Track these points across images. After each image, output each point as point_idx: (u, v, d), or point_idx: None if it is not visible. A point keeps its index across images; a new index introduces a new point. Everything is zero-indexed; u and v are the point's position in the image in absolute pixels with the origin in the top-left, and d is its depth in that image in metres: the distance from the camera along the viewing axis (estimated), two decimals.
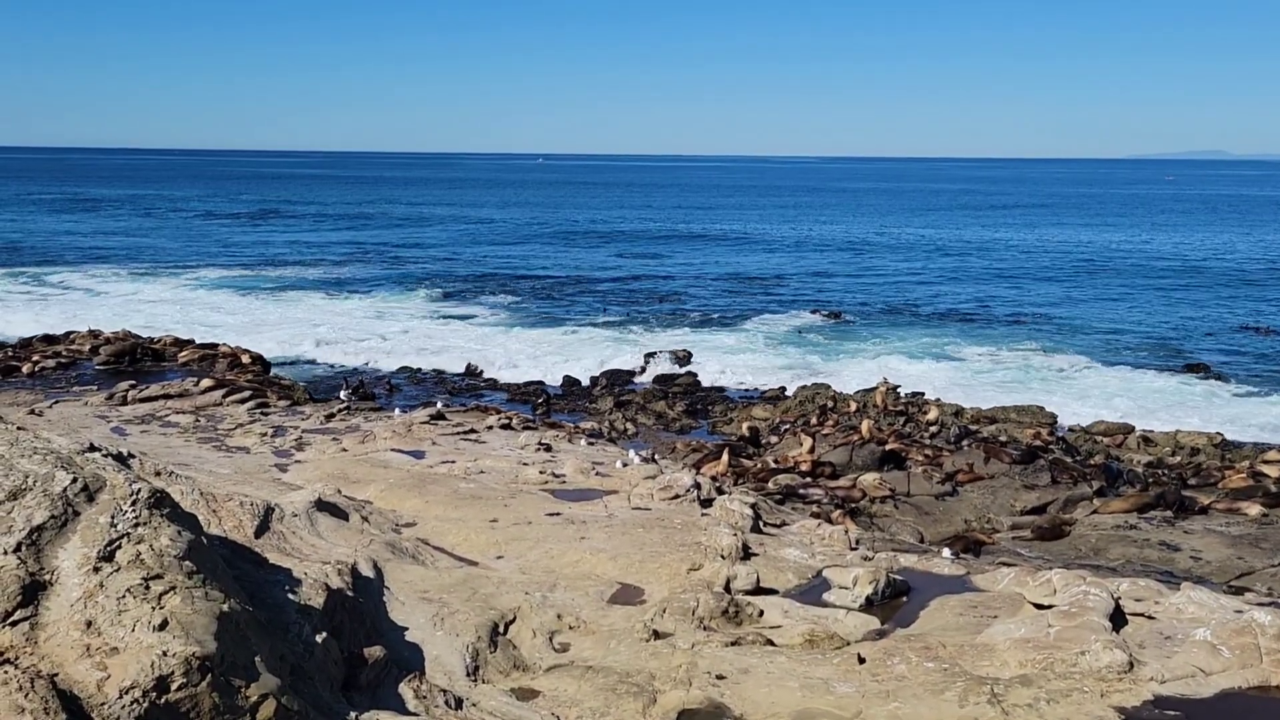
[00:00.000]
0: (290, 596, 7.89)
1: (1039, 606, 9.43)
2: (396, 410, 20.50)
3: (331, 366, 35.21)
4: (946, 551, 12.30)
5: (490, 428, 18.63)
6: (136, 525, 6.87)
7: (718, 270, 63.75)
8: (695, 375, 34.10)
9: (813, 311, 48.75)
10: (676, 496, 13.11)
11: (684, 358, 35.93)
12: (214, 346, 25.74)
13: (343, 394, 24.58)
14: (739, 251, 75.16)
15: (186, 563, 6.73)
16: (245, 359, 24.44)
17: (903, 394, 27.66)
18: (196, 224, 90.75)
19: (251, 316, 44.73)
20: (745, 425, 24.41)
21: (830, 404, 26.10)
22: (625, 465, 15.18)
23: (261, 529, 10.00)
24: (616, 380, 32.99)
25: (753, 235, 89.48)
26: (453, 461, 15.17)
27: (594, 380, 32.95)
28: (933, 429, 23.56)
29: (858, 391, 29.45)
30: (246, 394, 20.31)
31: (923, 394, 29.24)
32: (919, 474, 19.64)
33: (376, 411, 21.03)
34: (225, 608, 6.56)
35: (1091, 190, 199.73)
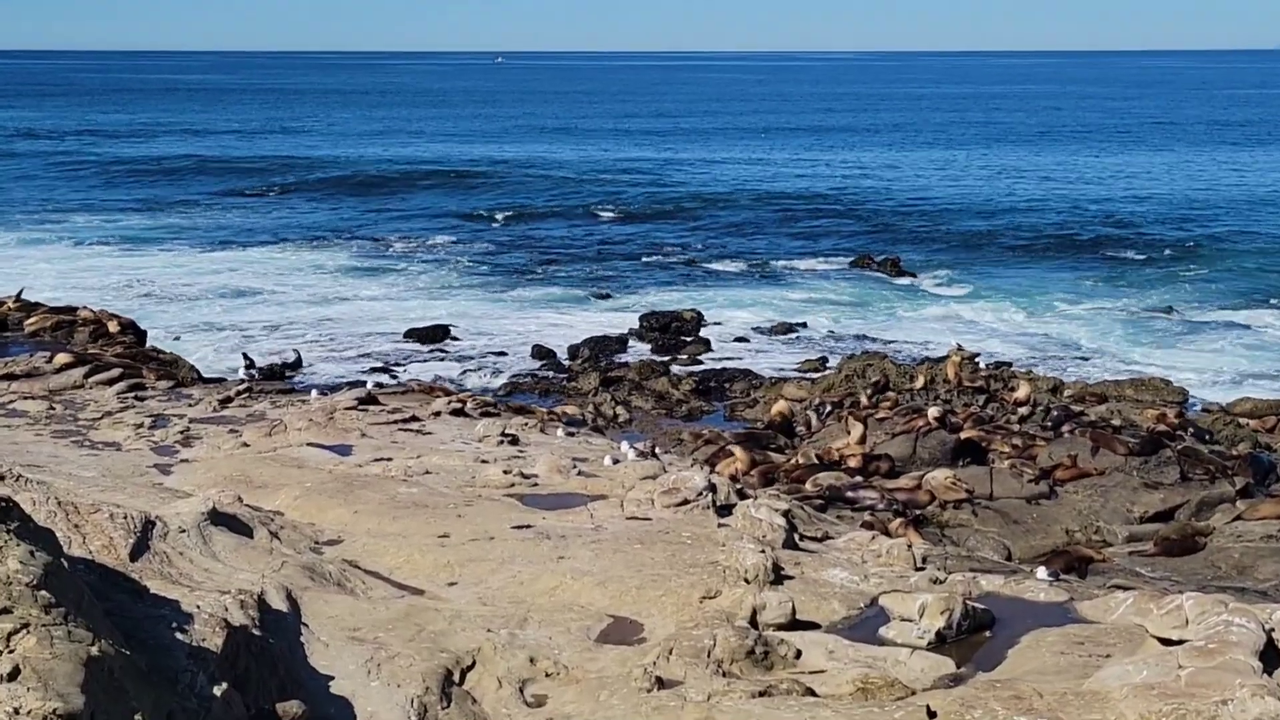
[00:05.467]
0: (179, 636, 7.91)
1: (1165, 642, 9.48)
2: (313, 392, 20.47)
3: (224, 334, 35.38)
4: (1043, 571, 12.37)
5: (438, 414, 18.61)
6: None
7: (735, 206, 64.11)
8: (707, 343, 34.21)
9: (861, 257, 48.90)
10: (685, 502, 13.13)
11: (692, 320, 36.04)
12: (71, 311, 25.72)
13: (241, 371, 24.62)
14: (761, 180, 75.33)
15: (42, 593, 6.74)
16: (113, 327, 24.42)
17: (982, 365, 27.72)
18: (21, 152, 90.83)
19: (119, 275, 45.11)
20: (775, 408, 24.46)
21: (886, 379, 26.15)
22: (616, 462, 15.14)
23: (139, 549, 10.01)
24: (603, 350, 33.08)
25: (777, 159, 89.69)
26: (389, 459, 15.12)
27: (574, 350, 33.02)
28: (1023, 411, 23.63)
29: (923, 362, 29.50)
30: (116, 373, 20.26)
31: (1009, 365, 29.36)
32: (1005, 470, 19.70)
33: (286, 394, 21.02)
34: (94, 651, 6.57)
35: (1234, 91, 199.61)
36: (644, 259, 49.68)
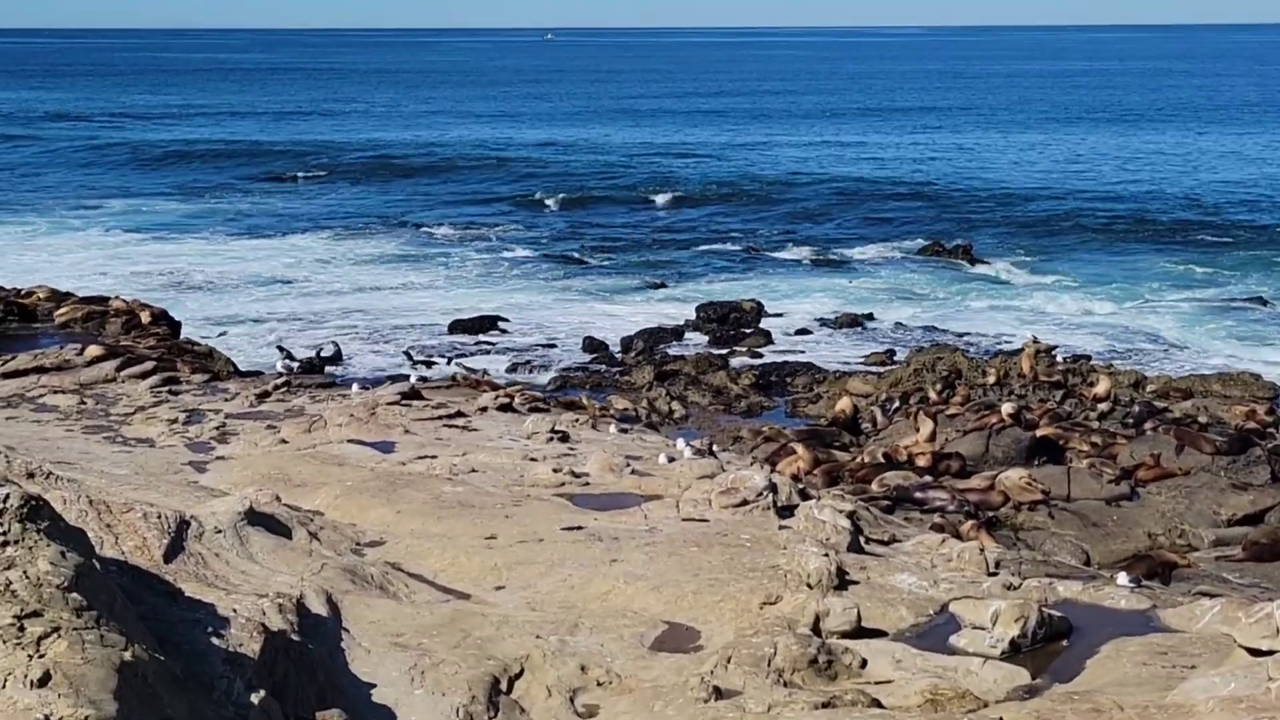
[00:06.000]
0: (215, 641, 7.97)
1: (1255, 653, 9.37)
2: (354, 386, 20.63)
3: (261, 325, 35.66)
4: (1123, 577, 12.24)
5: (484, 410, 18.67)
6: (4, 544, 6.96)
7: (798, 190, 63.88)
8: (768, 335, 34.14)
9: (931, 244, 48.61)
10: (744, 503, 13.11)
11: (752, 311, 35.97)
12: (103, 301, 26.00)
13: (280, 365, 24.82)
14: (826, 163, 75.08)
15: (74, 595, 6.80)
16: (145, 317, 24.66)
17: (1059, 358, 27.50)
18: (51, 135, 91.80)
19: (152, 264, 45.60)
20: (839, 404, 24.40)
21: (957, 373, 26.00)
22: (672, 460, 15.13)
23: (174, 550, 10.11)
24: (658, 342, 33.10)
25: (843, 140, 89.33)
26: (433, 457, 15.17)
27: (627, 342, 33.04)
28: (1103, 407, 23.43)
29: (996, 355, 29.33)
30: (149, 366, 20.45)
31: (1088, 358, 29.08)
32: (1084, 470, 19.54)
33: (327, 388, 21.16)
34: (127, 656, 6.63)
35: None
36: (702, 246, 49.61)
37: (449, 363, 30.63)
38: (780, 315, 36.64)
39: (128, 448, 15.95)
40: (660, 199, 61.82)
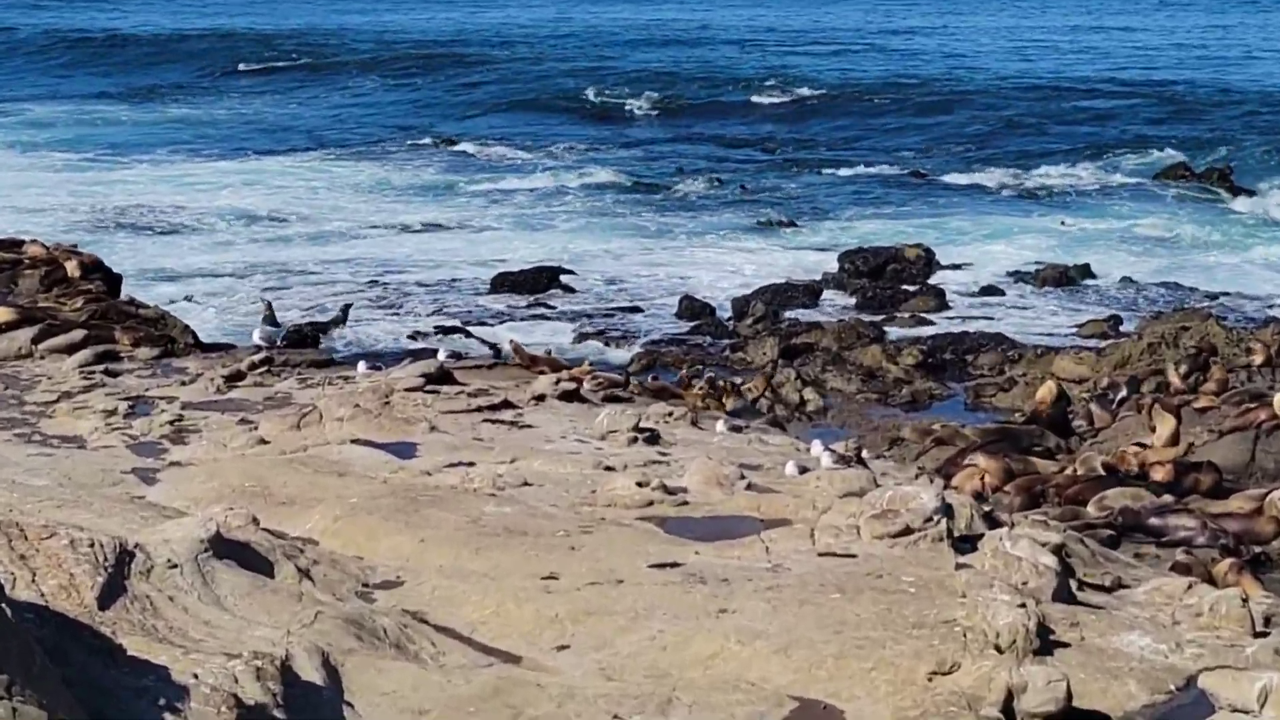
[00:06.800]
0: (168, 718, 8.02)
1: None
2: (361, 366, 20.59)
3: (232, 280, 35.82)
4: None
5: (541, 398, 18.67)
6: None
7: (982, 94, 63.23)
8: (941, 294, 33.89)
9: (1172, 167, 48.04)
10: (906, 531, 12.99)
11: (918, 261, 35.79)
12: (14, 246, 26.22)
13: (257, 334, 24.86)
14: (1022, 57, 74.46)
15: None
16: (73, 269, 24.76)
17: None
18: None
19: (84, 194, 45.98)
20: (1041, 393, 24.13)
21: (1210, 350, 25.64)
22: (804, 471, 15.07)
23: (112, 592, 10.15)
24: (785, 305, 32.99)
25: (1047, 25, 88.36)
26: (470, 464, 15.17)
27: (741, 305, 32.91)
28: None
29: (1266, 325, 28.83)
30: (77, 336, 20.60)
31: None
32: None
33: (323, 368, 21.18)
34: None
35: None
36: (846, 169, 49.41)
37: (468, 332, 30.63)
38: (958, 267, 36.46)
39: (48, 449, 16.07)
40: (786, 104, 61.61)
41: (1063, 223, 41.79)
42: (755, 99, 62.75)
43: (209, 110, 61.65)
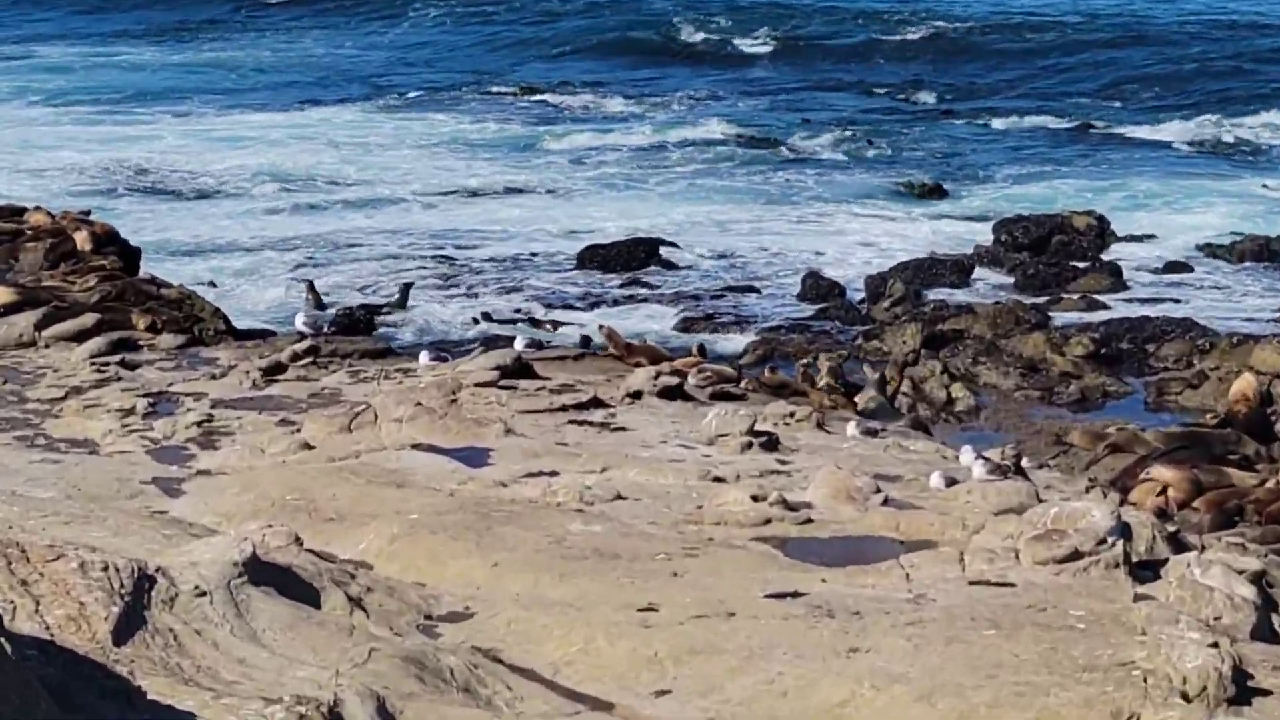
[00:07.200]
0: None
1: None
2: (424, 356, 20.74)
3: (271, 254, 35.96)
4: None
5: (636, 396, 18.68)
6: None
7: (1159, 29, 62.69)
8: (1117, 272, 33.68)
9: None
10: (1075, 556, 12.88)
11: (1088, 232, 35.64)
12: (16, 214, 26.42)
13: (301, 319, 24.99)
14: None
15: None
16: (83, 240, 24.92)
17: None
18: None
19: (99, 152, 46.19)
20: (1237, 388, 23.94)
21: None
22: (952, 484, 15.07)
23: (129, 624, 10.17)
24: (929, 284, 32.99)
25: None
26: (553, 474, 15.21)
27: (875, 285, 32.84)
28: None
29: None
30: (89, 321, 20.73)
31: None
32: None
33: (378, 358, 21.26)
34: None
35: None
36: (999, 120, 49.27)
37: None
38: (1138, 239, 36.30)
39: (55, 455, 16.19)
40: (929, 42, 61.39)
41: (1264, 186, 41.44)
42: (892, 36, 62.52)
43: (248, 52, 61.96)
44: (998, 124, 48.88)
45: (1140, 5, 67.05)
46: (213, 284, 32.63)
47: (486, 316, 30.93)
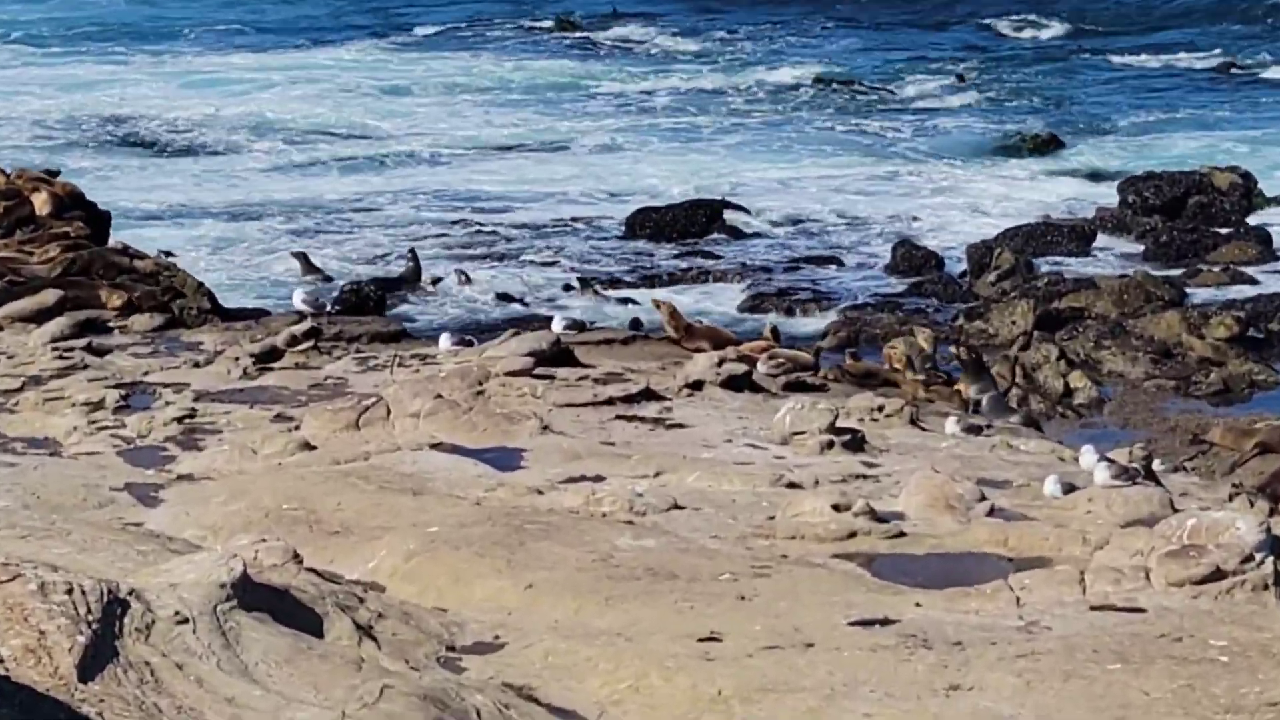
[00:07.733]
0: None
1: None
2: (444, 340, 20.78)
3: (263, 222, 36.06)
4: None
5: (696, 387, 18.68)
6: None
7: None
8: (1266, 239, 33.53)
9: None
10: (1217, 575, 12.86)
11: (1231, 191, 35.45)
12: None
13: (299, 295, 25.05)
14: None
15: None
16: (43, 204, 25.00)
17: None
18: None
19: (63, 99, 46.47)
20: None
21: None
22: (1071, 490, 15.06)
23: (98, 656, 10.20)
24: (1042, 252, 32.92)
25: None
26: (597, 479, 15.27)
27: (979, 254, 32.81)
28: None
29: None
30: (50, 298, 20.83)
31: None
32: None
33: (390, 342, 21.33)
34: None
35: None
36: (1127, 59, 49.19)
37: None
38: None
39: (9, 457, 16.27)
40: None
41: None
42: None
43: None
44: (1123, 62, 48.76)
45: None
46: (167, 253, 32.77)
47: (523, 297, 31.00)
